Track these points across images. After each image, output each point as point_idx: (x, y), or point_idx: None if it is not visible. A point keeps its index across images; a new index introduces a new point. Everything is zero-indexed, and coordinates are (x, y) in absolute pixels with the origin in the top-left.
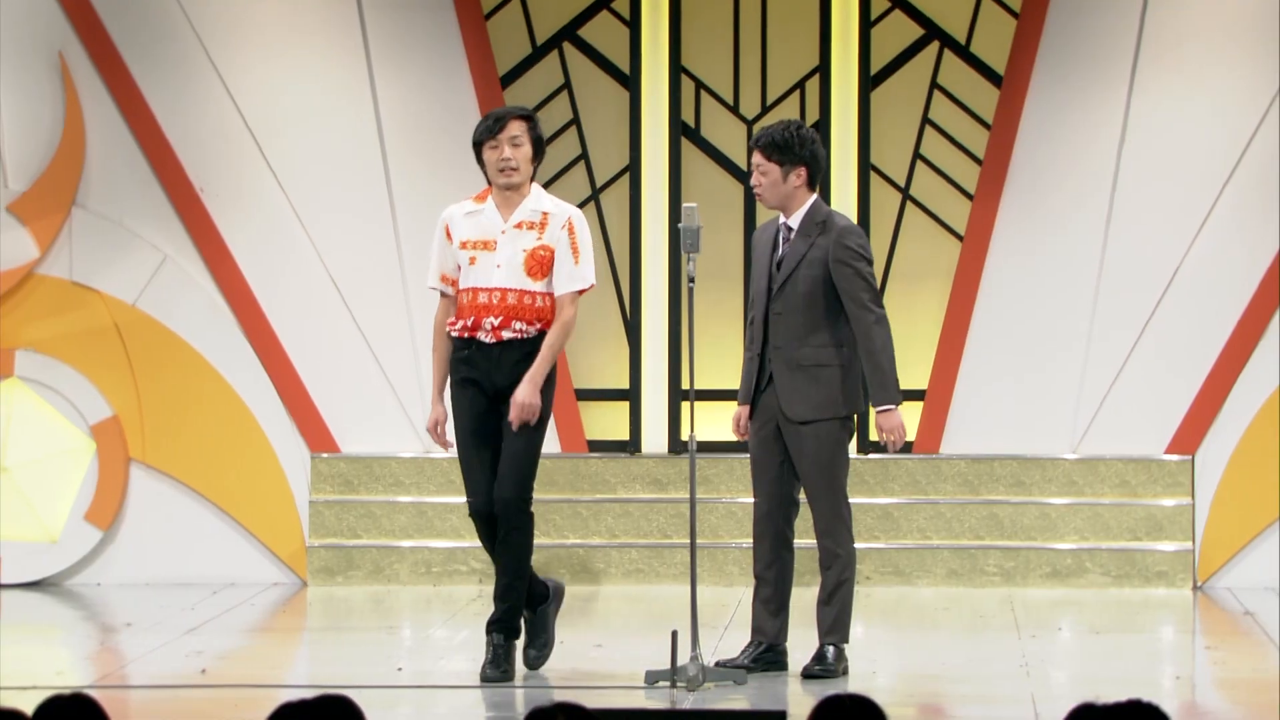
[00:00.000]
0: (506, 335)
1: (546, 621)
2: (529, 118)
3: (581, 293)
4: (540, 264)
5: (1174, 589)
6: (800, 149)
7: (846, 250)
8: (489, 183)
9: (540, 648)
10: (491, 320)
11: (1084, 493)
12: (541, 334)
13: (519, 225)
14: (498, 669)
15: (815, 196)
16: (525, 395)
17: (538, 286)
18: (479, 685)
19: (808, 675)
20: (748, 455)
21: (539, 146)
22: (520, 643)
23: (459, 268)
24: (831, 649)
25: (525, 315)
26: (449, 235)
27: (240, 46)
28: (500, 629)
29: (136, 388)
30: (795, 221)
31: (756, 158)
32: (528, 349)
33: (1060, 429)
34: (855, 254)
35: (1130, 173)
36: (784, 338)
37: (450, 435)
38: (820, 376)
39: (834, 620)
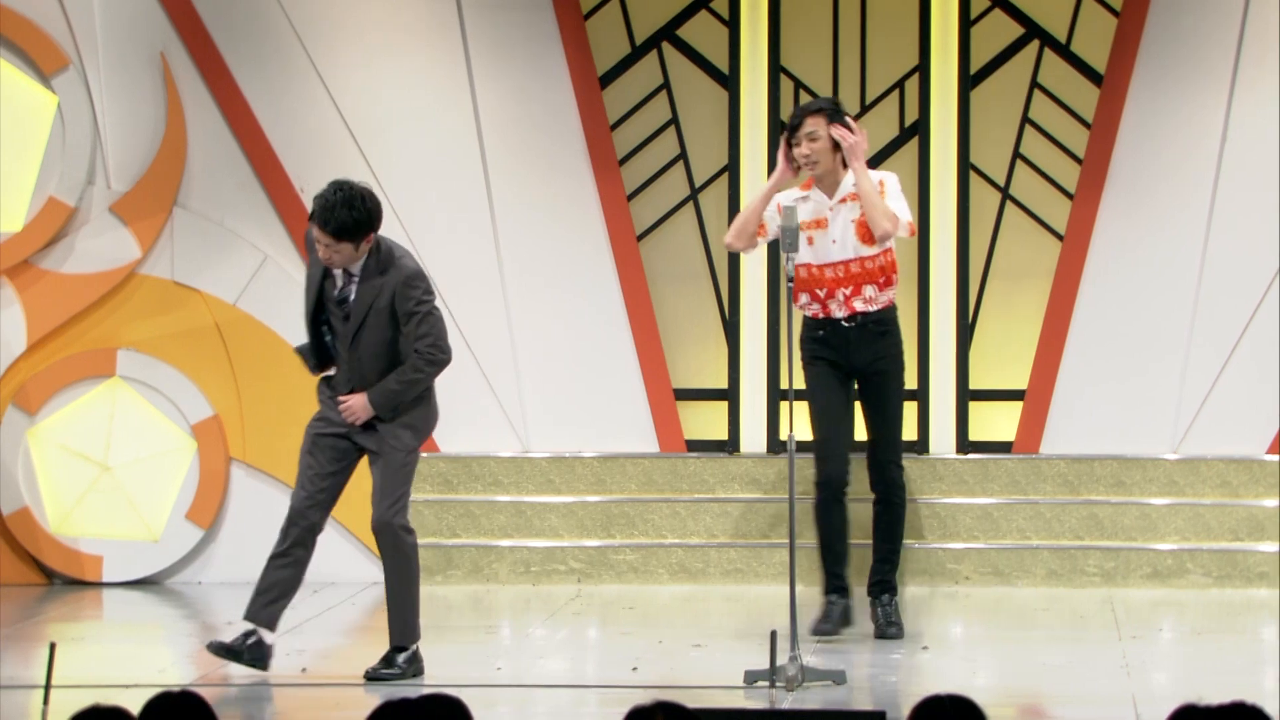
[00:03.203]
0: (858, 305)
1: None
2: (824, 110)
3: (910, 227)
4: (868, 229)
5: (1276, 590)
6: (372, 223)
7: (410, 301)
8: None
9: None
10: (844, 291)
11: (1185, 493)
12: (888, 304)
13: (843, 200)
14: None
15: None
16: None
17: (873, 250)
18: (578, 685)
19: (371, 676)
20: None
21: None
22: None
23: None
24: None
25: (872, 278)
26: (779, 211)
27: (341, 47)
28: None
29: (237, 387)
30: (357, 269)
31: (325, 238)
32: (883, 328)
33: (1161, 429)
34: (419, 302)
35: (1231, 172)
36: (367, 381)
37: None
38: (409, 409)
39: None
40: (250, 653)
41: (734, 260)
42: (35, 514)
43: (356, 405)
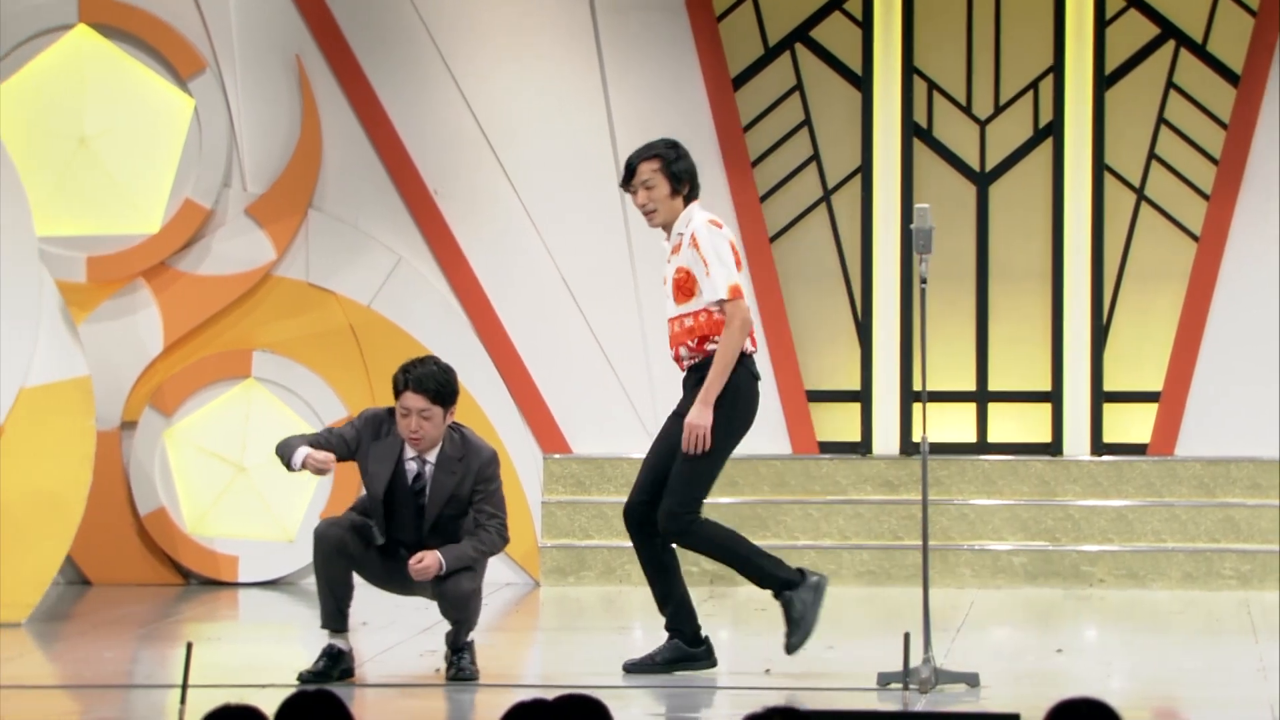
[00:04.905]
0: (685, 362)
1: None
2: (656, 155)
3: (724, 303)
4: (679, 288)
5: None
6: (458, 390)
7: (486, 485)
8: None
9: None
10: (670, 351)
11: None
12: (708, 356)
13: (674, 250)
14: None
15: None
16: (692, 415)
17: (684, 309)
18: (711, 686)
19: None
20: (981, 457)
21: (677, 180)
22: None
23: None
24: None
25: (682, 339)
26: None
27: (475, 50)
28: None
29: (371, 388)
30: (433, 456)
31: (421, 402)
32: (698, 376)
33: None
34: (493, 491)
35: None
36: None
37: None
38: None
39: None
40: (338, 669)
41: (867, 261)
42: (172, 514)
43: (432, 564)
